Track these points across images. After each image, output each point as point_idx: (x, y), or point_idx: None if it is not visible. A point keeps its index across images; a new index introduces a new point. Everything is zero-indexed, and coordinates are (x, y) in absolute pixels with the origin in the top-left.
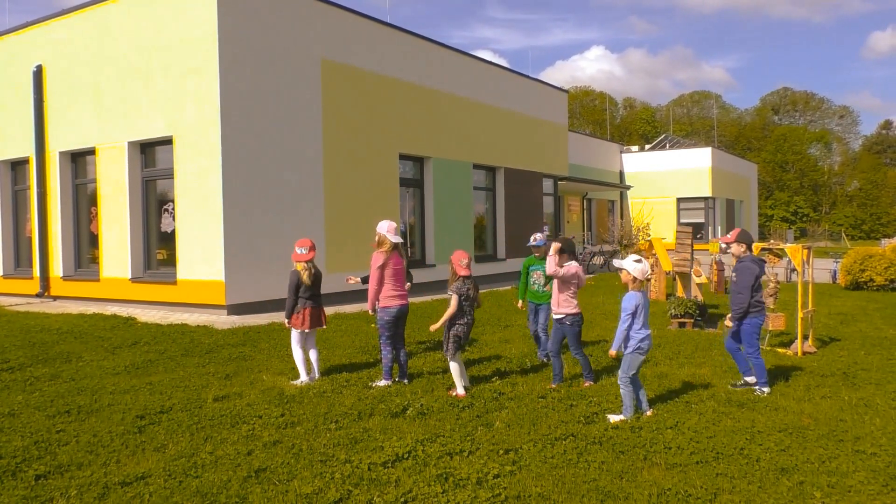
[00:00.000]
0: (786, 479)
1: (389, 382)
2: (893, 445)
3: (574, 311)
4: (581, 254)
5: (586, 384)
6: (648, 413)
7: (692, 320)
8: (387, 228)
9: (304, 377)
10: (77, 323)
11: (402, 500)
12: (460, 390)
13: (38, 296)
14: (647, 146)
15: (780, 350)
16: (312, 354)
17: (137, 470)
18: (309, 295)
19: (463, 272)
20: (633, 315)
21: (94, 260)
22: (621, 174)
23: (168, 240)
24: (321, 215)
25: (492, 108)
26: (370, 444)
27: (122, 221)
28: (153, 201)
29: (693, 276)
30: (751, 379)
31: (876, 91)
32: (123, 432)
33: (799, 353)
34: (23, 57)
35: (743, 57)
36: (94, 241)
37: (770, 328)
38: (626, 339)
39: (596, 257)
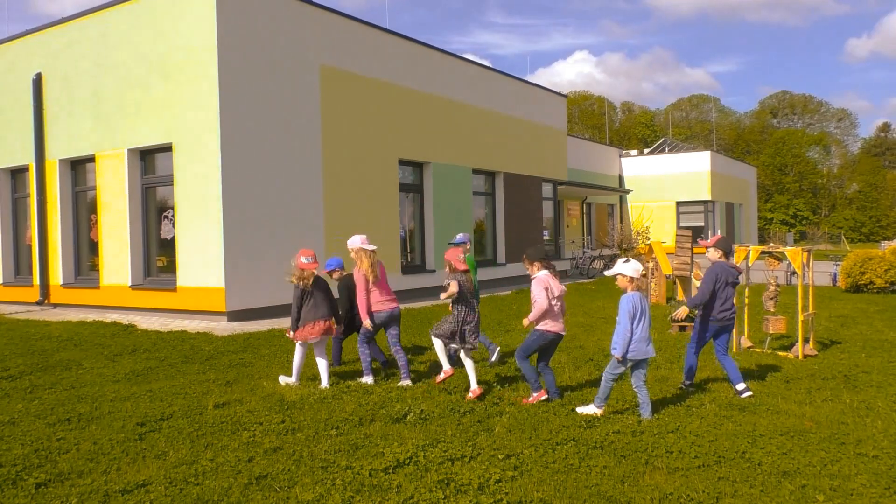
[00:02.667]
0: (788, 483)
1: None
2: (895, 448)
3: (541, 327)
4: (580, 258)
5: (530, 399)
6: (599, 412)
7: (692, 324)
8: (360, 241)
9: (324, 382)
10: (77, 330)
11: None
12: (446, 366)
13: (38, 303)
14: (647, 150)
15: (780, 353)
16: (320, 363)
17: (138, 477)
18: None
19: (462, 267)
20: (632, 316)
21: (94, 267)
22: (620, 178)
23: (168, 247)
24: (321, 221)
25: (491, 113)
26: (371, 450)
27: (122, 228)
28: (153, 208)
29: (693, 279)
30: (740, 386)
31: (862, 94)
32: (124, 440)
33: (800, 356)
34: (22, 65)
35: (730, 61)
36: (93, 248)
37: (770, 331)
38: (629, 340)
39: (596, 261)
